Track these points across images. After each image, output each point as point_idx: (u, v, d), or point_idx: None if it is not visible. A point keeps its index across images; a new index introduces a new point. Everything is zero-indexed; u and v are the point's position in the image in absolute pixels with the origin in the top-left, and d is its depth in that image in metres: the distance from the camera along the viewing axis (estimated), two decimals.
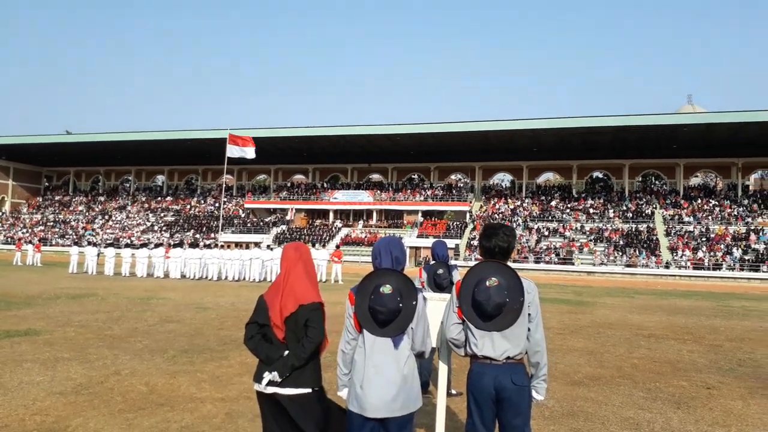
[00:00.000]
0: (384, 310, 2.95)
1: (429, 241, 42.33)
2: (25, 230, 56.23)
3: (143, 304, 13.32)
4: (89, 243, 44.72)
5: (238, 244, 41.48)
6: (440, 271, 5.72)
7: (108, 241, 48.98)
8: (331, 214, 53.19)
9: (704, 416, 5.46)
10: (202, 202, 59.99)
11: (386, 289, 2.98)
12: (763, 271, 35.97)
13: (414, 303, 3.02)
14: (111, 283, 19.62)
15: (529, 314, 3.10)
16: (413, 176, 58.75)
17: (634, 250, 40.00)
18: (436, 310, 3.35)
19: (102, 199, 64.29)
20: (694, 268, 37.28)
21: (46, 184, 70.58)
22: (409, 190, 53.47)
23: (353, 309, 3.06)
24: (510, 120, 45.22)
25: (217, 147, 46.59)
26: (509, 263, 3.22)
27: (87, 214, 60.57)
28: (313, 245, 33.60)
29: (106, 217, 59.11)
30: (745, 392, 6.45)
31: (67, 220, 59.17)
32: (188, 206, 59.37)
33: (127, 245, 29.16)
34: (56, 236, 54.34)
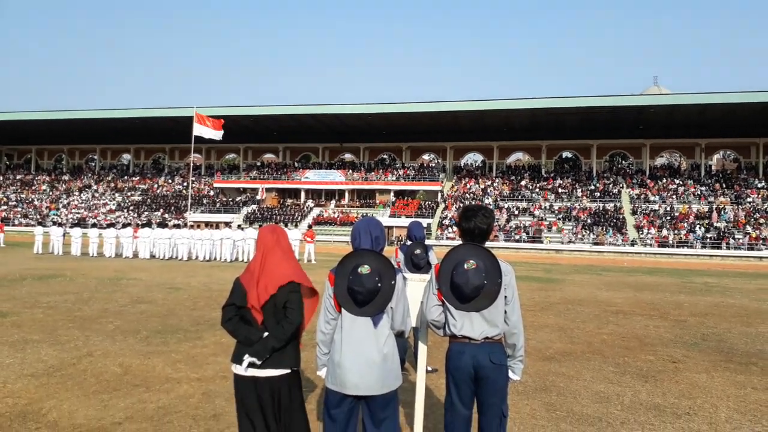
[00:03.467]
0: (362, 290, 2.97)
1: (402, 221, 42.47)
2: None
3: (113, 285, 13.12)
4: (54, 223, 43.73)
5: (207, 224, 40.99)
6: (417, 251, 5.74)
7: (73, 221, 47.93)
8: (303, 194, 52.82)
9: (671, 389, 5.65)
10: (170, 181, 58.92)
11: (364, 269, 3.00)
12: (724, 249, 37.10)
13: (393, 282, 3.04)
14: (78, 264, 19.24)
15: (505, 296, 3.15)
16: (385, 156, 58.56)
17: (602, 229, 40.77)
18: (415, 291, 3.38)
19: (66, 178, 62.62)
20: (659, 246, 38.24)
21: (7, 162, 68.44)
22: (381, 170, 53.38)
23: (332, 289, 3.08)
24: (480, 100, 45.20)
25: (184, 125, 45.68)
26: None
27: (50, 193, 59.01)
28: (285, 225, 33.38)
29: (71, 196, 57.71)
30: (709, 366, 6.68)
31: (30, 199, 57.59)
32: (156, 185, 58.30)
33: (93, 225, 28.56)
34: (18, 216, 52.91)
